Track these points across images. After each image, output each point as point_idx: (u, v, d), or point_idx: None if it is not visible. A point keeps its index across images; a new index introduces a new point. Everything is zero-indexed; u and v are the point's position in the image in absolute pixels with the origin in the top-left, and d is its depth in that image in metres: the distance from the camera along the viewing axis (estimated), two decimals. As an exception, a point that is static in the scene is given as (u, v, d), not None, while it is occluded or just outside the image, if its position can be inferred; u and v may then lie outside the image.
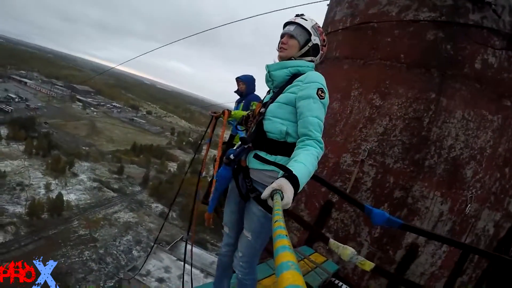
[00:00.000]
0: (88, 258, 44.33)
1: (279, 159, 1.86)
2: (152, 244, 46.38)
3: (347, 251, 2.56)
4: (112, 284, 40.47)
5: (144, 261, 28.45)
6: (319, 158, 1.60)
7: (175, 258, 36.54)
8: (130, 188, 68.57)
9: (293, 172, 1.39)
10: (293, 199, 1.30)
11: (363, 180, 4.21)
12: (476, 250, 3.07)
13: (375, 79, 4.33)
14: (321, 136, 1.68)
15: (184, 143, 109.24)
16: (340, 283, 4.18)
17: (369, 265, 2.78)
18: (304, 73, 1.88)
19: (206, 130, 4.99)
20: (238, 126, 4.36)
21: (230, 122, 4.50)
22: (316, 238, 4.41)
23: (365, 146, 4.24)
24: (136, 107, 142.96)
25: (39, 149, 68.03)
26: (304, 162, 1.50)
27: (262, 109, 1.96)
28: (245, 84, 4.83)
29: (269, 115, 1.91)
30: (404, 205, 4.05)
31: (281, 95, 1.89)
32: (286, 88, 1.88)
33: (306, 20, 1.94)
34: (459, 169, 4.00)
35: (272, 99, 1.94)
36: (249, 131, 2.05)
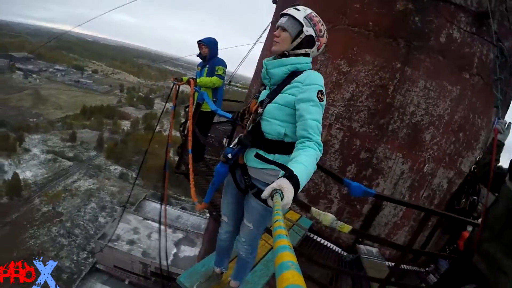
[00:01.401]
0: (56, 234, 43.49)
1: (277, 157, 1.91)
2: (117, 207, 46.15)
3: (327, 217, 2.75)
4: (85, 255, 40.26)
5: (114, 228, 28.54)
6: (318, 160, 1.61)
7: (142, 218, 36.66)
8: (86, 154, 66.73)
9: (294, 172, 1.40)
10: (293, 199, 1.32)
11: (331, 143, 4.48)
12: (432, 211, 3.43)
13: (343, 45, 4.41)
14: (320, 138, 1.68)
15: (135, 99, 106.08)
16: (315, 237, 4.62)
17: (347, 228, 3.08)
18: (302, 71, 1.87)
19: (169, 96, 4.90)
20: (197, 88, 4.39)
21: (196, 89, 4.53)
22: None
23: (332, 111, 4.46)
24: (81, 67, 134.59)
25: None
26: (304, 163, 1.50)
27: (260, 110, 1.94)
28: (208, 47, 4.77)
29: (267, 116, 1.90)
30: (370, 165, 4.41)
31: (279, 96, 1.87)
32: (285, 88, 1.86)
33: (299, 10, 1.85)
34: (419, 133, 4.36)
35: (270, 99, 1.92)
36: (246, 129, 2.03)
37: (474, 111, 4.59)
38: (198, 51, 4.97)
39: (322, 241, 4.60)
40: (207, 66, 4.87)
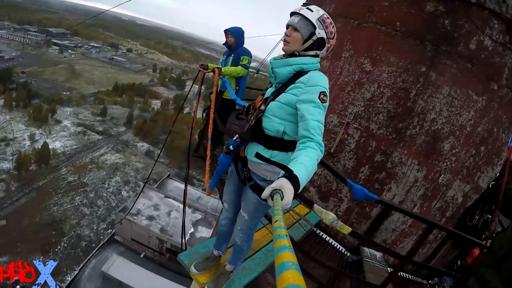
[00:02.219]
0: (79, 203, 45.64)
1: (275, 153, 1.95)
2: (140, 183, 47.54)
3: (329, 216, 2.76)
4: (105, 226, 41.90)
5: (134, 202, 29.53)
6: (319, 161, 1.61)
7: (163, 196, 37.79)
8: (115, 129, 69.07)
9: (294, 172, 1.39)
10: (293, 200, 1.32)
11: (347, 142, 4.42)
12: (434, 225, 3.34)
13: (368, 43, 4.32)
14: (321, 138, 1.68)
15: (166, 79, 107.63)
16: (321, 233, 4.61)
17: (347, 229, 3.08)
18: (307, 71, 1.87)
19: (194, 80, 5.01)
20: (221, 76, 4.50)
21: (220, 78, 4.59)
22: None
23: (351, 109, 4.39)
24: (116, 45, 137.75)
25: (19, 101, 66.70)
26: (305, 163, 1.49)
27: (263, 106, 1.98)
28: (234, 36, 4.80)
29: (268, 113, 1.93)
30: (383, 169, 4.32)
31: (282, 95, 1.90)
32: (289, 88, 1.88)
33: (312, 11, 1.84)
34: (438, 141, 4.22)
35: (274, 97, 1.95)
36: (249, 124, 2.09)
37: (499, 125, 4.41)
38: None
39: (328, 238, 4.58)
40: (233, 55, 4.93)
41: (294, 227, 4.23)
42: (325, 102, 1.74)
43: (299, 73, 1.88)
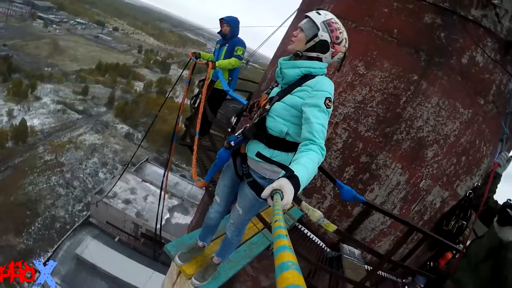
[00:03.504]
0: (55, 183, 44.41)
1: (276, 153, 1.99)
2: (118, 165, 46.70)
3: (316, 213, 2.82)
4: (81, 208, 41.09)
5: (113, 185, 29.06)
6: (319, 164, 1.63)
7: (141, 180, 37.35)
8: (96, 109, 67.30)
9: (295, 173, 1.41)
10: (292, 200, 1.34)
11: (334, 141, 4.51)
12: (416, 228, 3.49)
13: (364, 46, 4.37)
14: (323, 142, 1.70)
15: (151, 61, 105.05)
16: (303, 228, 4.72)
17: (332, 227, 3.18)
18: (315, 76, 1.90)
19: (185, 67, 4.98)
20: (219, 73, 4.53)
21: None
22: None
23: (341, 110, 4.47)
24: (102, 23, 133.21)
25: None
26: (306, 165, 1.51)
27: (268, 106, 1.99)
28: (229, 26, 4.79)
29: (273, 113, 1.95)
30: (368, 170, 4.45)
31: (288, 96, 1.92)
32: (295, 90, 1.90)
33: (320, 14, 1.89)
34: (422, 148, 4.37)
35: (279, 97, 1.96)
36: (252, 121, 2.10)
37: (481, 138, 4.58)
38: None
39: (309, 233, 4.70)
40: (227, 45, 4.91)
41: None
42: (330, 107, 1.78)
43: (306, 76, 1.91)
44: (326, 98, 1.78)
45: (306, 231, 4.72)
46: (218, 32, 4.99)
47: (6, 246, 34.09)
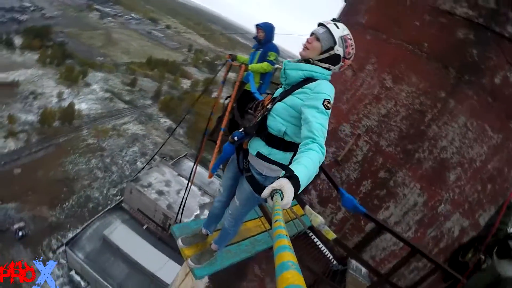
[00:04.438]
0: (94, 166, 46.89)
1: (274, 151, 2.07)
2: (157, 157, 48.20)
3: (317, 219, 2.85)
4: (115, 192, 42.90)
5: (144, 171, 29.79)
6: (320, 164, 1.63)
7: (176, 173, 38.18)
8: (142, 101, 69.95)
9: (295, 173, 1.42)
10: (292, 200, 1.36)
11: (355, 153, 4.42)
12: (418, 251, 3.34)
13: (393, 59, 4.29)
14: (324, 141, 1.72)
15: (200, 61, 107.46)
16: (313, 236, 4.66)
17: (331, 236, 3.16)
18: (316, 80, 1.96)
19: (219, 70, 5.15)
20: (250, 76, 4.70)
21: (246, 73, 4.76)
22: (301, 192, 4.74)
23: (365, 122, 4.39)
24: (155, 20, 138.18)
25: (53, 58, 68.49)
26: (306, 165, 1.52)
27: (270, 105, 2.09)
28: (264, 32, 4.92)
29: (274, 112, 2.05)
30: (385, 186, 4.31)
31: (289, 97, 2.00)
32: (296, 91, 1.98)
33: (338, 28, 1.94)
34: (444, 170, 4.18)
35: (281, 97, 2.05)
36: (255, 120, 2.19)
37: (510, 166, 4.34)
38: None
39: (318, 242, 4.61)
40: (261, 50, 5.06)
41: (288, 225, 4.30)
42: (329, 109, 1.82)
43: (309, 79, 1.97)
44: (325, 99, 1.81)
45: (316, 240, 4.64)
46: (254, 37, 5.16)
47: (38, 217, 36.38)
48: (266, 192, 1.33)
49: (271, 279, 4.89)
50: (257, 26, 5.00)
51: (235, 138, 2.20)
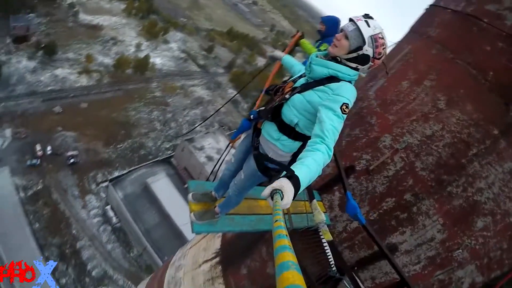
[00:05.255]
0: (155, 117, 49.87)
1: (284, 138, 2.13)
2: (216, 124, 49.62)
3: (319, 216, 2.86)
4: (168, 146, 45.29)
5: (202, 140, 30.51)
6: (325, 165, 1.63)
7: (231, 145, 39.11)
8: (214, 68, 73.46)
9: (295, 173, 1.43)
10: (292, 200, 1.36)
11: (388, 167, 4.26)
12: (407, 284, 3.18)
13: (453, 80, 4.08)
14: (333, 144, 1.71)
15: (279, 43, 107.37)
16: (322, 236, 4.63)
17: (328, 236, 3.15)
18: (341, 80, 1.93)
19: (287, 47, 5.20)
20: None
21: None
22: (326, 190, 4.68)
23: (406, 138, 4.21)
24: None
25: (138, 11, 72.88)
26: (309, 166, 1.52)
27: (288, 95, 2.09)
28: (325, 25, 4.87)
29: (290, 103, 2.06)
30: (407, 210, 4.11)
31: (309, 91, 1.99)
32: (317, 88, 1.95)
33: (369, 26, 1.85)
34: (473, 214, 3.91)
35: (301, 89, 2.04)
36: (272, 104, 2.21)
37: (546, 233, 3.90)
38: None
39: (325, 243, 4.57)
40: (319, 42, 5.04)
41: (300, 216, 4.29)
42: (346, 113, 1.81)
43: (332, 78, 1.94)
44: (344, 103, 1.80)
45: (324, 240, 4.60)
46: (317, 30, 5.13)
47: (92, 150, 39.64)
48: (266, 191, 1.35)
49: (273, 263, 4.95)
50: (321, 19, 4.99)
51: (251, 116, 2.34)
